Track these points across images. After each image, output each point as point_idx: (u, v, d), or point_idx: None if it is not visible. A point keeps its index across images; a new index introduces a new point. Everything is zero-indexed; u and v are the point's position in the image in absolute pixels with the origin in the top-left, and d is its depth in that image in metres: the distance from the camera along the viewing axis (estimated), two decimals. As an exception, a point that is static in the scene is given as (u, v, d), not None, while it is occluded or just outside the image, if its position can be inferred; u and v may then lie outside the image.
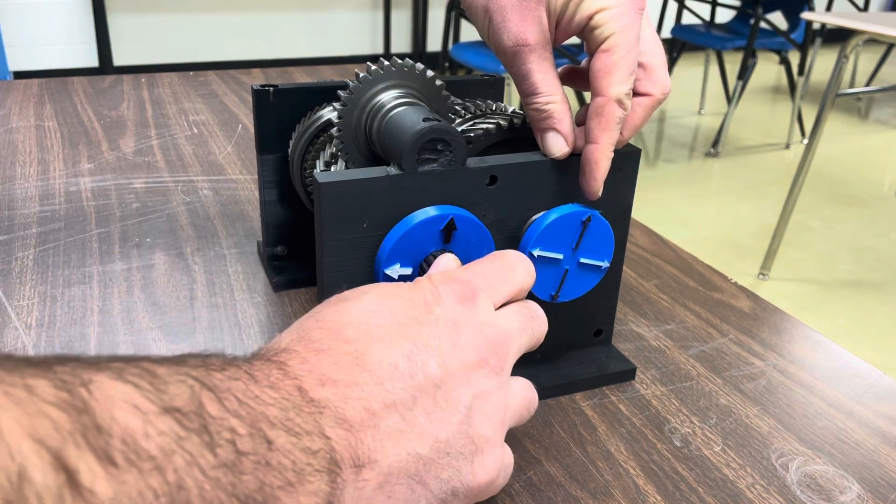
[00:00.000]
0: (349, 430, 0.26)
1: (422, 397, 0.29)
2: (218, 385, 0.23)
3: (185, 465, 0.20)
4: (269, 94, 0.51)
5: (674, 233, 2.39)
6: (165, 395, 0.21)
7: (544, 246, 0.41)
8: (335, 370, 0.27)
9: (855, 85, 4.32)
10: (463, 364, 0.30)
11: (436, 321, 0.31)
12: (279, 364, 0.27)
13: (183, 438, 0.21)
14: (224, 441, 0.22)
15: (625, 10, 0.38)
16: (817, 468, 0.40)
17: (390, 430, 0.27)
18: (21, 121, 0.93)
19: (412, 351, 0.29)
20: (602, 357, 0.48)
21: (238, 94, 1.08)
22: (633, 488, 0.38)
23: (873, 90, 4.16)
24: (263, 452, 0.23)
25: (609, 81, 0.38)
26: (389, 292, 0.32)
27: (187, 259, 0.59)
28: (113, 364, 0.22)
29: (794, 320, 0.55)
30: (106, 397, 0.20)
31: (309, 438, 0.25)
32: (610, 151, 0.40)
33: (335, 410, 0.26)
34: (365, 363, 0.28)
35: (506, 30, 0.39)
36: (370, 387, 0.27)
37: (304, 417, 0.25)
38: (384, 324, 0.30)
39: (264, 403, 0.24)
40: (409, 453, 0.28)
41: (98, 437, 0.19)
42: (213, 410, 0.22)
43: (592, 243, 0.42)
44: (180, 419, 0.21)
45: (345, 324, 0.30)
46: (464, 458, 0.29)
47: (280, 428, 0.24)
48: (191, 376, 0.23)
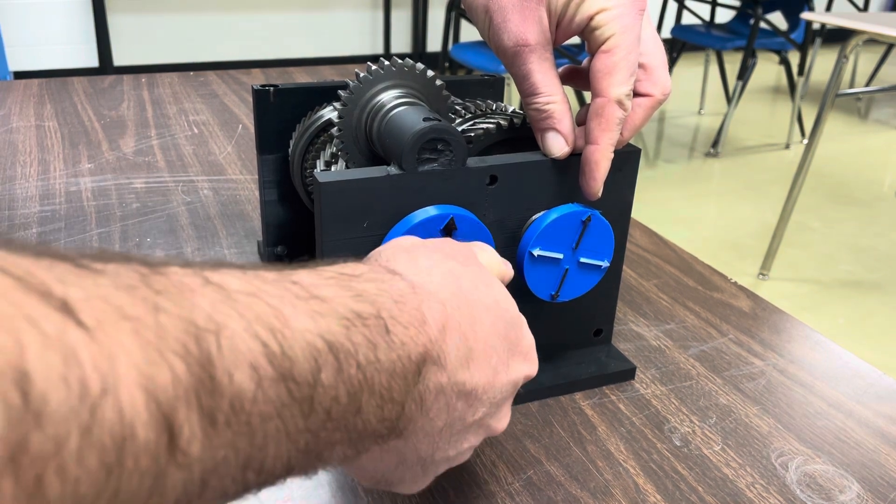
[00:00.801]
0: (418, 409, 0.27)
1: (458, 425, 0.30)
2: (347, 349, 0.23)
3: (275, 432, 0.20)
4: (269, 94, 0.51)
5: (674, 233, 2.39)
6: (288, 362, 0.21)
7: (544, 245, 0.41)
8: (454, 358, 0.28)
9: (855, 85, 4.31)
10: (487, 426, 0.32)
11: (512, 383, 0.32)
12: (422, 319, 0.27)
13: (286, 406, 0.21)
14: (321, 409, 0.22)
15: (625, 10, 0.38)
16: (817, 467, 0.40)
17: (433, 428, 0.28)
18: (21, 121, 0.93)
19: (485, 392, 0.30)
20: (602, 357, 0.48)
21: (238, 94, 1.08)
22: (632, 487, 0.38)
23: (873, 90, 4.16)
24: (349, 419, 0.23)
25: (609, 82, 0.38)
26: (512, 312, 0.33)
27: (187, 259, 0.59)
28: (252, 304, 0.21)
29: (793, 320, 0.55)
30: (231, 352, 0.19)
31: (391, 407, 0.25)
32: (610, 152, 0.40)
33: (423, 390, 0.27)
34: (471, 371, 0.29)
35: (506, 30, 0.39)
36: (455, 391, 0.28)
37: (402, 388, 0.25)
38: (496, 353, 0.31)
39: (380, 369, 0.24)
40: (419, 449, 0.29)
41: (210, 397, 0.18)
42: (328, 378, 0.22)
43: (592, 243, 0.42)
44: (292, 389, 0.21)
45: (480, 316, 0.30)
46: (422, 476, 0.31)
47: (376, 397, 0.24)
48: (324, 337, 0.22)
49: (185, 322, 0.18)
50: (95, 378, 0.16)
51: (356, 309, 0.24)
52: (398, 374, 0.25)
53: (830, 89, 2.03)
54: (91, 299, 0.17)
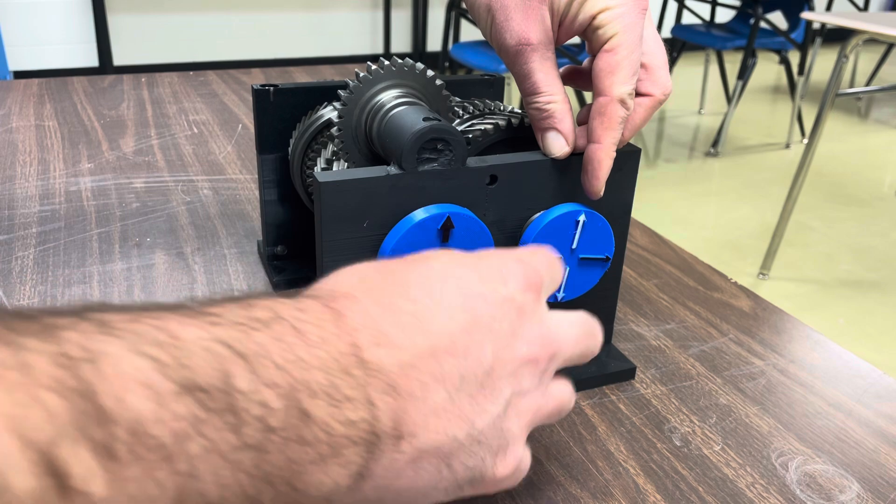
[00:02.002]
0: (397, 398, 0.24)
1: (469, 380, 0.27)
2: (255, 350, 0.21)
3: (202, 452, 0.18)
4: (269, 93, 0.51)
5: (674, 233, 2.39)
6: (188, 371, 0.19)
7: (544, 246, 0.41)
8: (396, 331, 0.25)
9: (855, 85, 4.32)
10: (514, 356, 0.29)
11: (500, 303, 0.29)
12: (336, 313, 0.24)
13: (202, 421, 0.19)
14: (252, 418, 0.20)
15: (628, 10, 0.38)
16: (817, 467, 0.40)
17: (437, 406, 0.26)
18: (21, 121, 0.93)
19: (472, 328, 0.27)
20: (602, 356, 0.48)
21: (238, 94, 1.08)
22: (632, 487, 0.38)
23: (873, 90, 4.16)
24: (297, 426, 0.21)
25: (612, 81, 0.38)
26: (458, 259, 0.30)
27: (187, 259, 0.59)
28: (133, 327, 0.19)
29: (794, 320, 0.55)
30: (117, 377, 0.17)
31: (351, 407, 0.23)
32: (612, 151, 0.40)
33: (387, 377, 0.24)
34: (427, 329, 0.26)
35: (508, 29, 0.39)
36: (426, 357, 0.25)
37: (349, 382, 0.23)
38: (450, 292, 0.28)
39: (308, 368, 0.22)
40: (447, 434, 0.26)
41: (99, 428, 0.17)
42: (244, 384, 0.20)
43: (590, 240, 0.42)
44: (202, 399, 0.19)
45: (410, 282, 0.27)
46: (491, 450, 0.28)
47: (321, 397, 0.22)
48: (222, 342, 0.20)
49: (53, 356, 0.17)
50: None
51: (252, 315, 0.22)
52: (334, 369, 0.23)
53: (830, 89, 2.03)
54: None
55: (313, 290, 0.27)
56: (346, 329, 0.24)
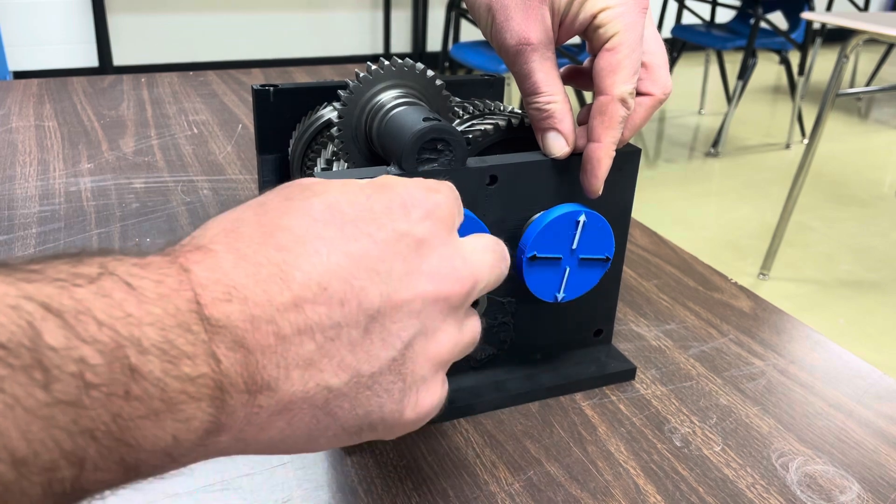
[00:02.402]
0: (247, 353, 0.23)
1: (349, 327, 0.25)
2: (73, 306, 0.20)
3: (3, 408, 0.18)
4: (269, 93, 0.51)
5: (674, 233, 2.39)
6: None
7: (541, 249, 0.41)
8: (250, 283, 0.24)
9: (855, 85, 4.31)
10: (414, 295, 0.27)
11: (394, 240, 0.27)
12: (181, 268, 0.23)
13: (3, 378, 0.18)
14: (66, 375, 0.19)
15: (628, 9, 0.38)
16: (817, 468, 0.40)
17: (300, 358, 0.24)
18: (21, 121, 0.93)
19: (352, 272, 0.25)
20: (602, 357, 0.48)
21: (238, 94, 1.08)
22: (633, 488, 0.38)
23: (873, 90, 4.16)
24: (122, 381, 0.20)
25: (613, 80, 0.38)
26: (346, 197, 0.27)
27: (187, 259, 0.59)
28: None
29: (794, 320, 0.55)
30: None
31: (191, 363, 0.22)
32: (612, 150, 0.40)
33: (235, 333, 0.23)
34: (289, 279, 0.24)
35: (509, 29, 0.39)
36: (286, 308, 0.24)
37: (188, 339, 0.22)
38: (327, 235, 0.26)
39: (137, 324, 0.21)
40: (318, 384, 0.25)
41: None
42: (55, 341, 0.19)
43: (590, 240, 0.42)
44: (2, 356, 0.19)
45: (283, 226, 0.26)
46: (389, 395, 0.26)
47: (152, 353, 0.21)
48: (33, 299, 0.20)
49: None
50: None
51: (77, 271, 0.21)
52: (170, 325, 0.22)
53: (831, 89, 2.03)
54: None
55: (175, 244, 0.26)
56: (188, 285, 0.23)
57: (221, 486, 0.37)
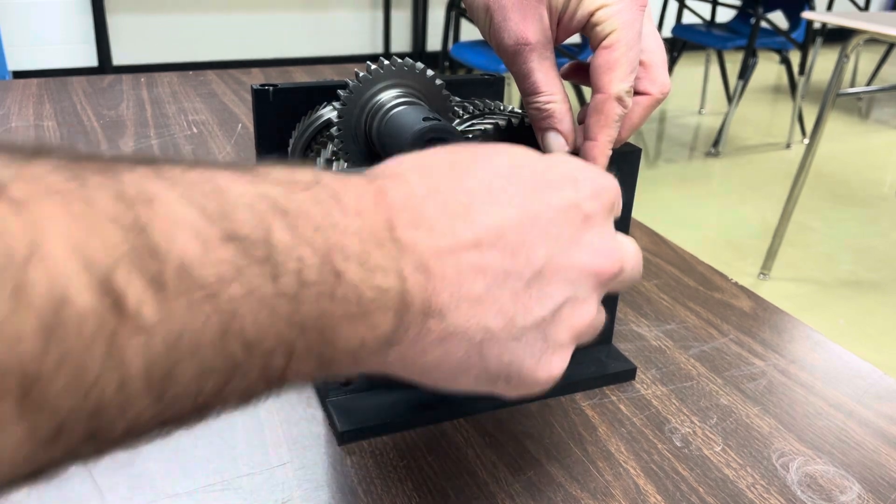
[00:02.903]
0: (429, 278, 0.25)
1: (515, 278, 0.27)
2: (295, 209, 0.22)
3: (242, 294, 0.20)
4: (268, 93, 0.51)
5: (674, 233, 2.39)
6: (232, 222, 0.20)
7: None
8: (438, 216, 0.26)
9: (855, 85, 4.32)
10: (573, 264, 0.29)
11: (567, 208, 0.29)
12: (379, 189, 0.25)
13: (243, 267, 0.20)
14: (288, 270, 0.21)
15: (626, 6, 0.38)
16: (818, 468, 0.40)
17: (471, 294, 0.26)
18: (20, 120, 0.93)
19: (526, 228, 0.28)
20: (602, 357, 0.48)
21: (238, 94, 1.08)
22: (633, 488, 0.38)
23: (874, 90, 4.16)
24: (330, 283, 0.22)
25: (610, 78, 0.38)
26: (527, 160, 0.30)
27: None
28: (187, 176, 0.20)
29: (794, 320, 0.55)
30: (168, 218, 0.19)
31: (383, 275, 0.24)
32: (608, 149, 0.39)
33: (419, 257, 0.25)
34: (473, 220, 0.27)
35: (507, 29, 0.39)
36: (467, 246, 0.26)
37: (383, 253, 0.24)
38: (510, 191, 0.28)
39: (343, 233, 0.23)
40: (479, 322, 0.27)
41: (152, 261, 0.18)
42: (283, 238, 0.21)
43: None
44: (244, 247, 0.20)
45: (472, 172, 0.28)
46: (531, 351, 0.28)
47: (353, 261, 0.23)
48: (267, 198, 0.22)
49: (115, 193, 0.18)
50: (21, 245, 0.16)
51: (295, 178, 0.23)
52: (367, 239, 0.24)
53: (831, 89, 2.03)
54: (21, 179, 0.17)
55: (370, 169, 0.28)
56: (383, 206, 0.25)
57: (221, 486, 0.37)
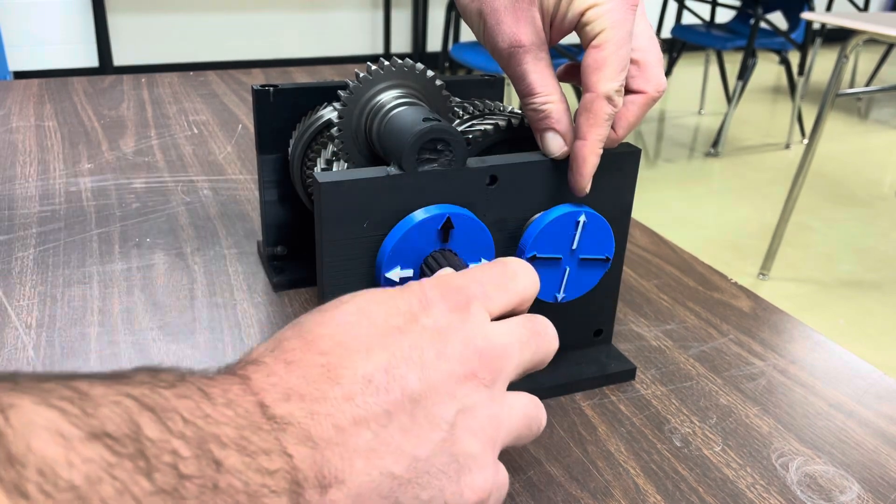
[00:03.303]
0: (314, 447, 0.25)
1: (398, 413, 0.27)
2: (161, 404, 0.22)
3: (115, 494, 0.19)
4: (269, 94, 0.51)
5: (674, 233, 2.39)
6: (95, 420, 0.20)
7: (542, 249, 0.41)
8: (303, 384, 0.26)
9: (855, 85, 4.31)
10: (447, 376, 0.28)
11: (421, 331, 0.29)
12: (242, 378, 0.25)
13: (113, 465, 0.20)
14: (164, 465, 0.21)
15: (616, 5, 0.38)
16: (817, 468, 0.40)
17: (361, 447, 0.26)
18: (21, 121, 0.93)
19: (390, 363, 0.27)
20: (602, 357, 0.48)
21: (238, 94, 1.08)
22: (633, 488, 0.38)
23: (873, 90, 4.16)
24: (211, 475, 0.22)
25: (598, 77, 0.38)
26: (373, 299, 0.30)
27: (187, 259, 0.59)
28: (43, 384, 0.21)
29: (794, 320, 0.55)
30: (25, 424, 0.19)
31: (266, 458, 0.23)
32: (598, 148, 0.39)
33: (299, 427, 0.25)
34: (336, 376, 0.26)
35: (500, 32, 0.39)
36: (339, 402, 0.26)
37: (261, 436, 0.24)
38: (362, 335, 0.28)
39: (215, 423, 0.23)
40: (381, 472, 0.26)
41: (9, 468, 0.18)
42: (152, 433, 0.21)
43: (590, 240, 0.42)
44: (111, 444, 0.20)
45: (321, 335, 0.28)
46: (447, 477, 0.27)
47: (232, 448, 0.22)
48: (130, 396, 0.21)
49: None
50: None
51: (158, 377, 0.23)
52: (243, 425, 0.23)
53: (830, 89, 2.03)
54: None
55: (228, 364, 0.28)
56: (251, 390, 0.25)
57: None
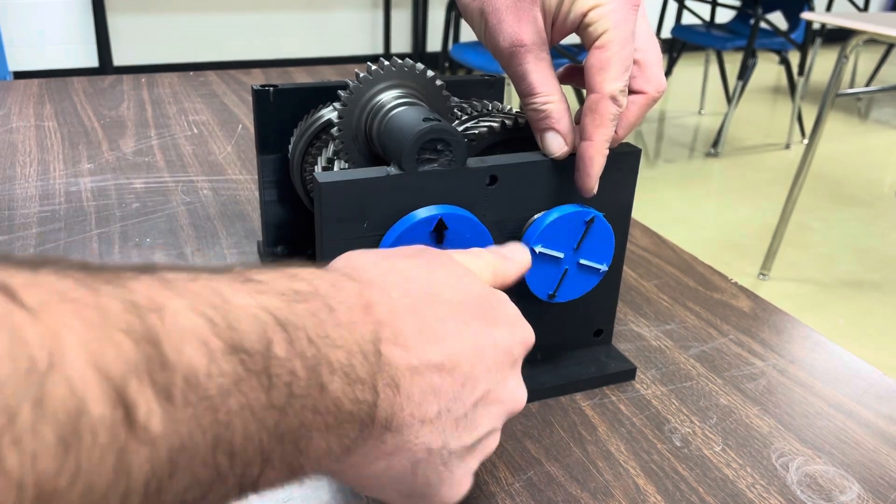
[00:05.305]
0: (396, 395, 0.26)
1: (460, 405, 0.29)
2: (294, 321, 0.23)
3: (238, 407, 0.20)
4: (269, 94, 0.51)
5: (674, 233, 2.38)
6: (236, 334, 0.21)
7: (546, 243, 0.41)
8: (415, 336, 0.28)
9: (855, 85, 4.31)
10: (501, 400, 0.31)
11: (505, 350, 0.31)
12: (367, 304, 0.27)
13: (242, 380, 0.21)
14: (282, 384, 0.22)
15: (619, 6, 0.38)
16: (817, 468, 0.40)
17: (426, 415, 0.28)
18: (21, 121, 0.93)
19: (475, 363, 0.29)
20: (602, 357, 0.48)
21: (238, 94, 1.08)
22: (633, 488, 0.38)
23: (873, 90, 4.16)
24: (315, 396, 0.23)
25: (603, 78, 0.38)
26: (488, 293, 0.32)
27: (187, 259, 0.59)
28: (191, 286, 0.21)
29: (794, 320, 0.55)
30: (177, 329, 0.19)
31: (361, 388, 0.25)
32: (604, 148, 0.39)
33: (394, 373, 0.26)
34: (440, 344, 0.28)
35: (501, 31, 0.39)
36: (431, 370, 0.28)
37: (365, 367, 0.25)
38: (472, 321, 0.30)
39: (333, 345, 0.24)
40: (423, 442, 0.28)
41: (162, 372, 0.19)
42: (280, 351, 0.22)
43: (593, 245, 0.42)
44: (245, 360, 0.21)
45: (444, 296, 0.30)
46: (449, 476, 0.30)
47: (338, 374, 0.24)
48: (268, 310, 0.22)
49: (126, 303, 0.19)
50: (42, 354, 0.16)
51: (294, 287, 0.24)
52: (355, 351, 0.25)
53: (830, 89, 2.03)
54: (33, 285, 0.17)
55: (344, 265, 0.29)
56: (372, 318, 0.26)
57: (221, 486, 0.37)
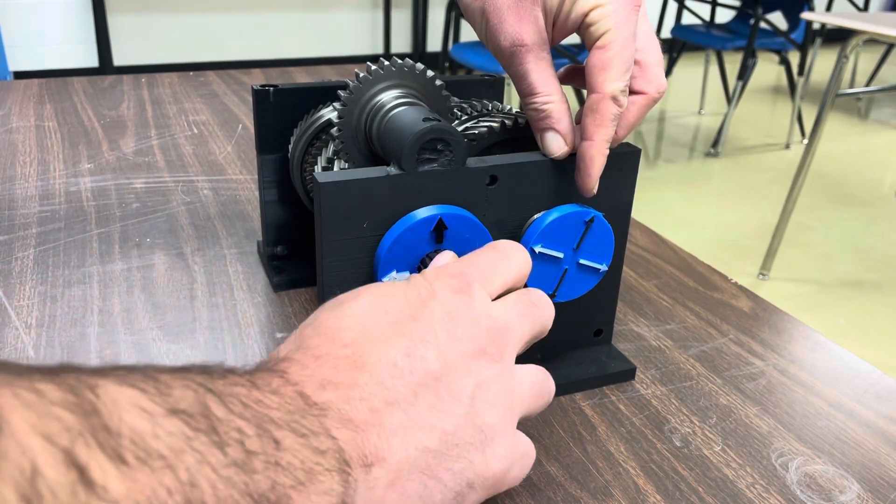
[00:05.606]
0: (355, 430, 0.27)
1: (423, 392, 0.29)
2: (221, 390, 0.24)
3: (196, 464, 0.21)
4: (269, 94, 0.51)
5: (674, 233, 2.39)
6: (170, 398, 0.22)
7: (546, 243, 0.41)
8: (335, 374, 0.28)
9: (855, 85, 4.32)
10: (461, 354, 0.31)
11: (431, 315, 0.31)
12: (279, 373, 0.27)
13: (191, 438, 0.21)
14: (233, 441, 0.22)
15: (620, 6, 0.38)
16: (817, 468, 0.40)
17: (395, 426, 0.28)
18: (21, 121, 0.93)
19: (409, 347, 0.29)
20: (602, 357, 0.48)
21: (238, 94, 1.08)
22: (633, 488, 0.38)
23: (873, 90, 4.16)
24: (272, 452, 0.23)
25: (604, 78, 0.38)
26: (383, 292, 0.32)
27: (187, 259, 0.59)
28: (117, 371, 0.22)
29: (794, 320, 0.55)
30: (113, 400, 0.20)
31: (316, 439, 0.25)
32: (605, 148, 0.39)
33: (339, 412, 0.26)
34: (363, 364, 0.28)
35: (502, 31, 0.39)
36: (371, 386, 0.28)
37: (308, 420, 0.25)
38: (380, 323, 0.30)
39: (268, 407, 0.24)
40: (416, 447, 0.28)
41: (108, 437, 0.19)
42: (219, 412, 0.23)
43: (593, 245, 0.42)
44: (187, 420, 0.22)
45: (341, 328, 0.30)
46: (474, 447, 0.29)
47: (286, 429, 0.24)
48: (194, 381, 0.23)
49: (60, 384, 0.20)
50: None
51: (209, 371, 0.25)
52: (292, 410, 0.25)
53: (830, 89, 2.03)
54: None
55: (257, 364, 0.29)
56: (290, 382, 0.27)
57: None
